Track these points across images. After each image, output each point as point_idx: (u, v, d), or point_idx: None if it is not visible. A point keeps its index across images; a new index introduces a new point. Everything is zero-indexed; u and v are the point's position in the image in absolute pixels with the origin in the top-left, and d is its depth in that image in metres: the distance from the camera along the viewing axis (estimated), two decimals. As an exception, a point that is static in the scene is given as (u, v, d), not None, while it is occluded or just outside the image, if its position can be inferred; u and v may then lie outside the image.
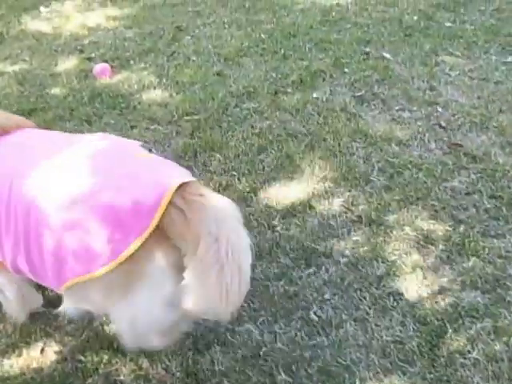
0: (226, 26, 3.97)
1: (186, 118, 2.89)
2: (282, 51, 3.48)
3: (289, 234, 2.10)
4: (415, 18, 3.76)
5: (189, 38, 3.85)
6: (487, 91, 2.86)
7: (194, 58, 3.53)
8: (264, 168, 2.47)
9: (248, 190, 2.34)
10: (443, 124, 2.63)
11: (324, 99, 2.92)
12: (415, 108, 2.79)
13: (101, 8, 4.60)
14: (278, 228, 2.13)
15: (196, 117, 2.89)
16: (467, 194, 2.20)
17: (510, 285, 1.83)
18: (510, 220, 2.06)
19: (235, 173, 2.45)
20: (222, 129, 2.76)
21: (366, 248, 2.01)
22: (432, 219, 2.10)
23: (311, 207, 2.22)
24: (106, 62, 3.57)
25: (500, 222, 2.06)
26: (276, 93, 3.02)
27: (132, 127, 2.82)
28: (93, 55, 3.70)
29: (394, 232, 2.06)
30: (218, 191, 2.32)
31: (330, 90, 2.99)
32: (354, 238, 2.05)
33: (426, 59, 3.23)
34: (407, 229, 2.07)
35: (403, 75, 3.09)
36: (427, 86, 2.95)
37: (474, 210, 2.12)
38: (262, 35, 3.73)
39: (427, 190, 2.22)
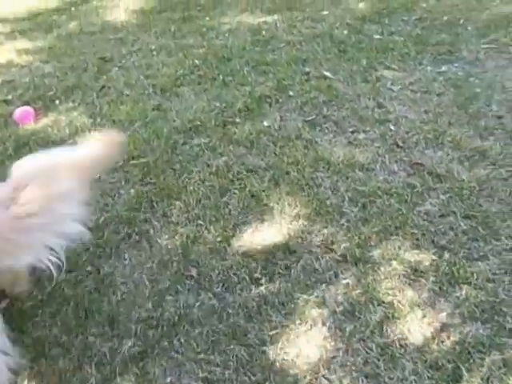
0: (155, 53, 3.70)
1: (132, 162, 2.59)
2: (221, 77, 3.29)
3: (275, 286, 1.92)
4: (345, 32, 3.73)
5: (116, 69, 3.53)
6: (432, 104, 2.86)
7: (128, 92, 3.23)
8: (230, 212, 2.26)
9: (219, 239, 2.13)
10: (400, 143, 2.59)
11: (276, 127, 2.76)
12: (368, 128, 2.72)
13: (9, 41, 4.12)
14: (262, 281, 1.94)
15: (143, 160, 2.61)
16: (442, 216, 2.15)
17: (506, 310, 1.80)
18: (488, 239, 2.04)
19: (201, 221, 2.22)
20: (176, 171, 2.51)
21: (358, 291, 1.89)
22: (415, 249, 2.02)
23: (291, 251, 2.06)
24: (27, 104, 3.16)
25: (480, 243, 2.03)
26: (225, 124, 2.82)
27: (72, 180, 2.54)
28: (10, 97, 3.28)
29: (382, 268, 1.96)
30: (187, 245, 2.11)
31: (280, 117, 2.85)
32: (344, 282, 1.92)
33: (366, 75, 3.20)
34: (394, 263, 1.97)
35: (348, 94, 3.02)
36: (374, 104, 2.91)
37: (453, 233, 2.08)
38: (196, 61, 3.51)
39: (403, 218, 2.15)
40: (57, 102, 3.18)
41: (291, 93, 3.05)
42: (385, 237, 2.08)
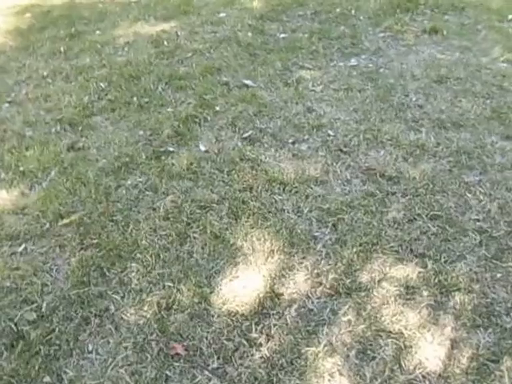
0: (49, 80, 2.97)
1: (61, 222, 2.01)
2: (135, 99, 2.72)
3: (276, 343, 1.55)
4: (249, 34, 3.34)
5: (7, 105, 2.78)
6: (357, 101, 2.64)
7: (30, 133, 2.52)
8: (198, 262, 1.82)
9: (197, 300, 1.69)
10: (343, 148, 2.32)
11: (215, 150, 2.35)
12: (307, 136, 2.42)
13: None
14: (261, 340, 1.57)
15: (74, 216, 2.03)
16: (409, 221, 1.95)
17: (499, 309, 1.67)
18: (458, 237, 1.90)
19: (168, 282, 1.77)
20: (118, 223, 1.99)
21: (362, 326, 1.62)
22: (399, 263, 1.79)
23: (278, 295, 1.71)
24: None
25: (453, 244, 1.85)
26: (158, 156, 2.33)
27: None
28: None
29: (376, 293, 1.72)
30: (161, 315, 1.64)
31: (215, 138, 2.43)
32: (345, 319, 1.63)
33: (285, 78, 2.87)
34: (385, 284, 1.73)
35: (275, 101, 2.66)
36: (304, 109, 2.60)
37: (425, 237, 1.88)
38: (101, 84, 2.88)
39: (376, 231, 1.89)
40: None
41: (218, 108, 2.63)
42: (366, 257, 1.83)
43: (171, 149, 2.34)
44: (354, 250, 1.84)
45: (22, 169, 2.27)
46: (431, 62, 3.02)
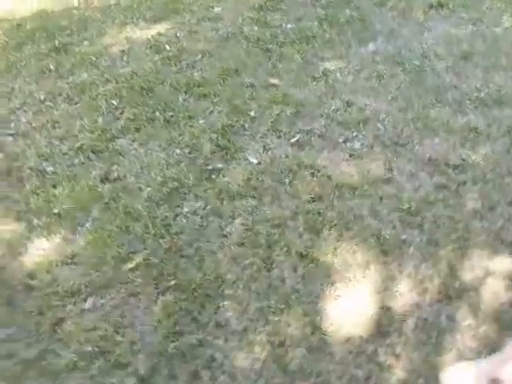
0: (50, 104, 2.61)
1: (125, 266, 1.75)
2: (158, 114, 2.45)
3: (403, 360, 1.52)
4: (255, 28, 3.08)
5: (11, 138, 2.42)
6: (392, 88, 2.52)
7: (51, 168, 2.22)
8: (294, 287, 1.65)
9: (310, 331, 1.54)
10: (397, 141, 2.24)
11: (268, 161, 2.19)
12: (356, 133, 2.26)
13: None
14: (390, 361, 1.49)
15: (138, 258, 1.78)
16: (490, 209, 1.89)
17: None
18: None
19: (273, 316, 1.61)
20: (192, 258, 1.77)
21: (484, 328, 1.55)
22: (494, 255, 1.74)
23: (389, 310, 1.66)
24: None
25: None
26: (208, 175, 2.11)
27: None
28: None
29: (484, 290, 1.67)
30: (279, 356, 1.47)
31: (263, 147, 2.21)
32: (464, 323, 1.57)
33: (310, 72, 2.68)
34: (490, 280, 1.69)
35: (310, 98, 2.48)
36: (342, 103, 2.43)
37: (511, 225, 1.92)
38: (112, 101, 2.56)
39: (462, 225, 1.84)
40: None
41: (252, 113, 2.44)
42: (462, 254, 1.76)
43: (219, 165, 2.17)
44: (449, 248, 1.81)
45: (56, 211, 2.03)
46: (448, 38, 2.99)
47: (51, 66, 2.99)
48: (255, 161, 2.17)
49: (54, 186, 2.16)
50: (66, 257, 1.88)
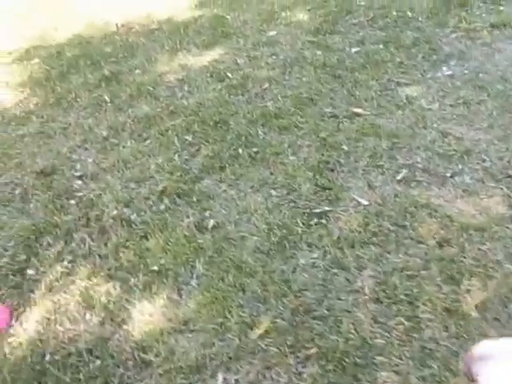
0: (115, 141, 2.43)
1: (253, 333, 1.54)
2: (241, 151, 2.27)
3: None
4: (318, 52, 3.00)
5: (80, 182, 2.21)
6: (484, 116, 2.41)
7: (135, 216, 2.01)
8: (449, 349, 1.46)
9: None
10: (511, 173, 2.17)
11: (379, 201, 2.01)
12: (461, 166, 2.14)
13: None
14: None
15: (266, 322, 1.56)
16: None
17: None
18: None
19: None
20: (326, 320, 1.57)
21: None
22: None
23: None
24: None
25: None
26: (318, 220, 1.92)
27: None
28: None
29: None
30: None
31: (368, 185, 2.04)
32: None
33: (391, 98, 2.54)
34: None
35: (401, 128, 2.34)
36: (436, 133, 2.30)
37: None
38: (185, 136, 2.37)
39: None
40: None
41: (345, 147, 2.24)
42: None
43: (326, 208, 1.98)
44: None
45: (155, 267, 1.82)
46: (521, 59, 2.92)
47: (106, 98, 2.79)
48: (365, 202, 2.00)
49: (145, 238, 1.95)
50: (178, 323, 1.67)
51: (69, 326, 1.70)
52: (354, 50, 3.02)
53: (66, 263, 1.89)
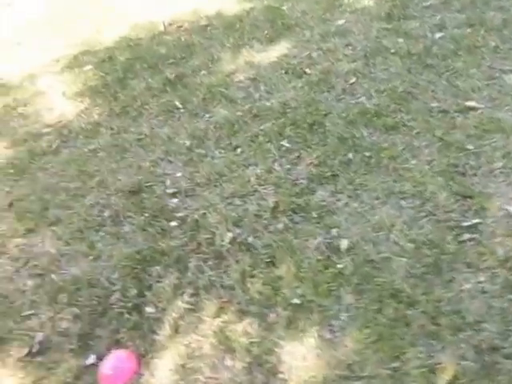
0: (198, 151, 2.10)
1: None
2: (351, 156, 1.96)
3: None
4: (399, 39, 2.64)
5: (176, 200, 1.90)
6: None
7: (251, 240, 1.69)
8: None
9: None
10: None
11: None
12: None
13: None
14: None
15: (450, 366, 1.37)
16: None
17: None
18: None
19: None
20: None
21: None
22: None
23: None
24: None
25: None
26: (464, 238, 1.72)
27: None
28: None
29: None
30: None
31: None
32: None
33: (500, 88, 2.27)
34: None
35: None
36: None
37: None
38: (280, 142, 2.06)
39: None
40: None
41: (470, 146, 1.94)
42: None
43: (474, 220, 1.66)
44: None
45: (295, 300, 1.54)
46: None
47: (176, 103, 2.48)
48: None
49: (272, 264, 1.67)
50: (340, 368, 1.41)
51: (209, 373, 1.45)
52: (437, 35, 2.70)
53: (186, 298, 1.61)
